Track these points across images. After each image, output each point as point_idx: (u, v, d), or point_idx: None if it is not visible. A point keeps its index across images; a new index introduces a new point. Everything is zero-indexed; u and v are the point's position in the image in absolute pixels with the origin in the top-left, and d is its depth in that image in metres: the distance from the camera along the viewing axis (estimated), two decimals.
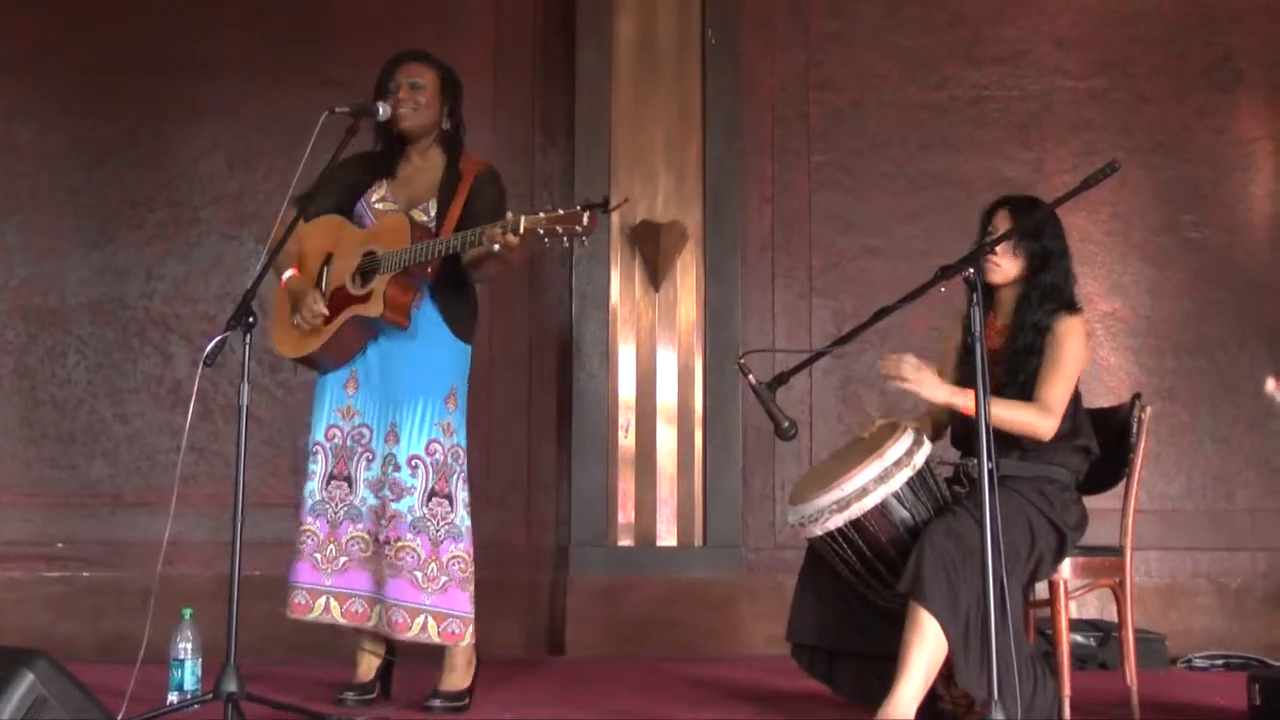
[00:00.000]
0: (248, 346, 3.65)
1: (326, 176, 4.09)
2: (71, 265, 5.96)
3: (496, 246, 3.79)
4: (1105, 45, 6.19)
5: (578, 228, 3.68)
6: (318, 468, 4.22)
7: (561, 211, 3.71)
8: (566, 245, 3.74)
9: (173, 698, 3.95)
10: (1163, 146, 6.14)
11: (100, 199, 5.99)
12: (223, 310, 5.73)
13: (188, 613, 4.06)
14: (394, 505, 4.07)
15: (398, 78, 4.25)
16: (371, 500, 4.15)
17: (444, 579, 4.04)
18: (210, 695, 3.55)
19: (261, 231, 5.85)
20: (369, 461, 4.16)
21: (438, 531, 4.05)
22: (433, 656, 4.21)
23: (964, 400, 3.68)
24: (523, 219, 3.75)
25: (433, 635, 4.04)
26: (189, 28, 6.03)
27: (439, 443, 4.10)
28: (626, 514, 5.74)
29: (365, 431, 4.18)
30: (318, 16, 6.08)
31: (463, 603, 4.06)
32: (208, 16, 6.05)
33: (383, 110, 4.10)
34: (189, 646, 4.01)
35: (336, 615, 4.18)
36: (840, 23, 6.17)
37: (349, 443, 4.20)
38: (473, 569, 4.10)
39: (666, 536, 5.75)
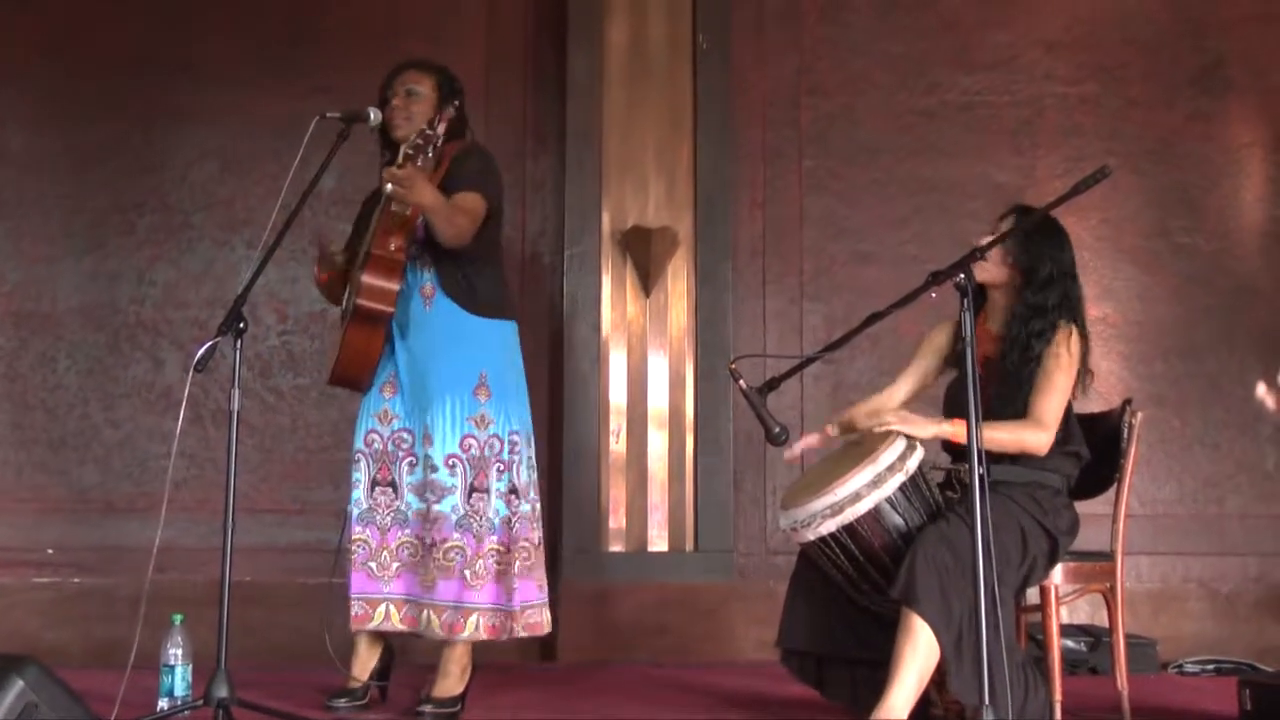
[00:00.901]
0: (238, 352, 3.66)
1: (358, 217, 4.25)
2: (62, 270, 5.95)
3: (390, 187, 3.86)
4: (1096, 51, 6.20)
5: (428, 131, 3.87)
6: (361, 475, 4.23)
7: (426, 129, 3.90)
8: (429, 156, 3.91)
9: (163, 704, 3.94)
10: (1153, 152, 6.15)
11: (91, 204, 5.98)
12: (213, 316, 5.72)
13: (178, 618, 4.05)
14: (436, 507, 4.08)
15: (395, 86, 4.27)
16: (417, 504, 4.15)
17: (485, 575, 4.05)
18: (201, 701, 3.56)
19: (253, 237, 5.84)
20: (412, 466, 4.17)
21: (480, 528, 4.06)
22: (434, 659, 4.21)
23: (953, 430, 3.69)
24: (402, 150, 3.93)
25: (481, 633, 4.05)
26: (180, 33, 6.02)
27: (474, 437, 4.10)
28: (618, 519, 5.74)
29: (406, 436, 4.19)
30: (309, 22, 6.07)
31: (499, 595, 4.08)
32: (199, 22, 6.04)
33: (374, 116, 4.09)
34: (179, 652, 4.00)
35: (396, 621, 4.18)
36: (831, 28, 6.18)
37: (389, 447, 4.20)
38: (511, 559, 4.09)
39: (658, 542, 5.75)
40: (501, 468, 4.12)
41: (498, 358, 4.20)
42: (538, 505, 4.26)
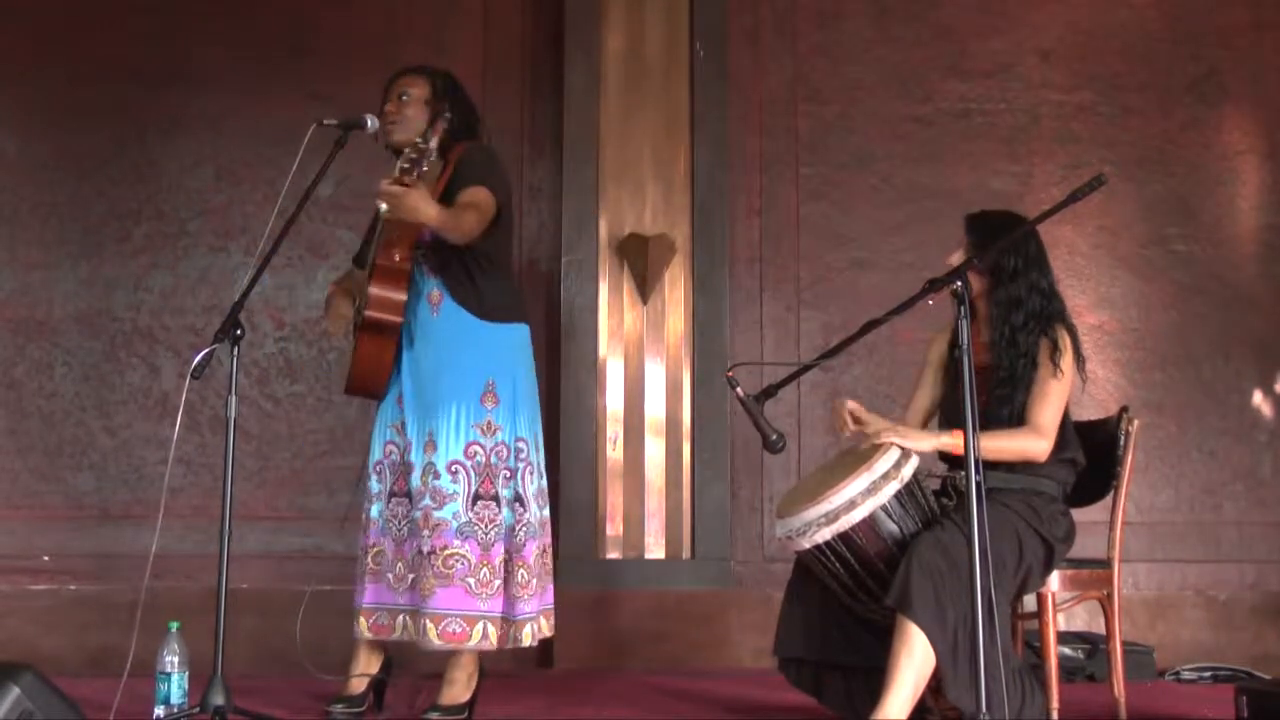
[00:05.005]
0: (235, 359, 3.66)
1: (369, 226, 4.21)
2: (58, 278, 5.94)
3: (383, 206, 3.85)
4: (1091, 59, 6.21)
5: (420, 144, 3.97)
6: (381, 486, 4.22)
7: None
8: (424, 169, 3.92)
9: (159, 711, 3.93)
10: (1149, 160, 6.16)
11: (87, 211, 5.97)
12: (210, 323, 5.73)
13: (175, 626, 4.04)
14: (437, 513, 4.03)
15: (390, 91, 4.27)
16: (415, 513, 4.12)
17: (497, 582, 4.02)
18: (197, 709, 3.55)
19: (250, 244, 5.84)
20: (408, 474, 4.15)
21: (486, 535, 4.02)
22: (435, 668, 4.21)
23: (952, 441, 3.69)
24: (397, 166, 3.97)
25: (493, 641, 4.02)
26: (176, 40, 6.02)
27: (479, 445, 4.07)
28: (614, 527, 5.74)
29: (408, 444, 4.17)
30: (305, 30, 6.07)
31: (503, 605, 4.05)
32: (195, 29, 6.03)
33: (370, 123, 4.08)
34: (176, 660, 3.99)
35: (414, 633, 4.14)
36: (828, 36, 6.18)
37: (402, 457, 4.19)
38: (513, 568, 4.06)
39: (654, 549, 5.75)
40: (508, 475, 4.09)
41: (506, 363, 4.16)
42: (546, 512, 4.23)
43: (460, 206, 4.01)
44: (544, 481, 4.23)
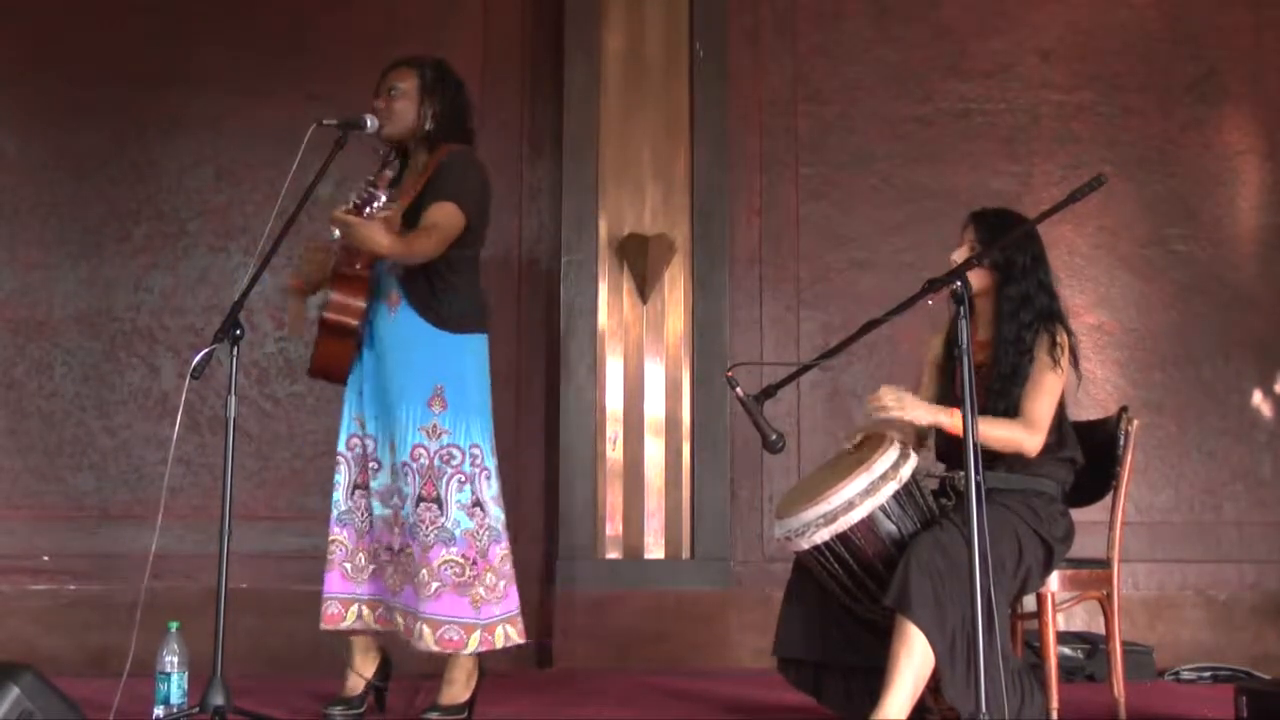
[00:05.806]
0: (235, 359, 3.66)
1: None
2: (58, 278, 5.94)
3: (335, 233, 3.88)
4: (1091, 59, 6.21)
5: (370, 189, 3.87)
6: (341, 478, 4.25)
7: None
8: (374, 208, 3.87)
9: (159, 711, 3.93)
10: (1149, 160, 6.17)
11: (87, 211, 5.97)
12: (210, 323, 5.72)
13: (174, 626, 4.05)
14: (401, 512, 4.08)
15: (380, 87, 4.23)
16: (379, 509, 4.16)
17: (435, 585, 3.99)
18: (197, 709, 3.56)
19: (249, 244, 5.85)
20: (375, 471, 4.18)
21: (426, 537, 4.01)
22: (434, 668, 4.20)
23: (950, 420, 3.68)
24: (350, 200, 3.91)
25: (429, 643, 4.00)
26: (175, 40, 6.01)
27: (423, 447, 4.05)
28: (614, 527, 5.74)
29: (370, 441, 4.19)
30: (304, 30, 6.07)
31: (460, 608, 4.00)
32: (194, 29, 6.03)
33: (370, 123, 4.07)
34: (175, 660, 3.99)
35: (370, 622, 4.20)
36: (827, 36, 6.18)
37: (366, 451, 4.21)
38: (479, 571, 4.03)
39: (654, 549, 5.74)
40: (462, 479, 4.06)
41: (459, 371, 4.13)
42: (504, 516, 4.20)
43: (419, 230, 3.99)
44: (499, 486, 4.20)
